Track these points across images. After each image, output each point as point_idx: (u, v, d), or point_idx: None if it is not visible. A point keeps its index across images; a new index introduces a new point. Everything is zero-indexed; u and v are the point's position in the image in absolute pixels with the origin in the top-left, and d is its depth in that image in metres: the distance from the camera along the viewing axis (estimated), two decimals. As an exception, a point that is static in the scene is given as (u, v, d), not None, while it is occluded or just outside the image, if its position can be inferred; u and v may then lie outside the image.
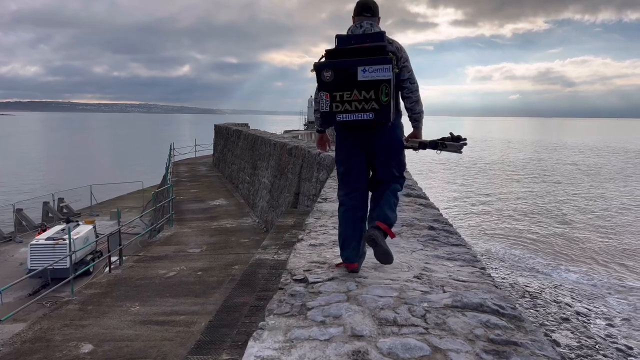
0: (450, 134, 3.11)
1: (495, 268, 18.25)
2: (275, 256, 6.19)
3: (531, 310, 14.60)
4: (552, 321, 13.80)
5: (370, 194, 2.97)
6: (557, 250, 20.09)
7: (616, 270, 17.75)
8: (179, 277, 9.00)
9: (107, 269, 10.23)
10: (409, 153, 3.08)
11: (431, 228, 4.07)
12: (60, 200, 22.84)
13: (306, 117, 56.66)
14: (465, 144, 3.09)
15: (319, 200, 5.51)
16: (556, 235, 22.14)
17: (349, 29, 2.93)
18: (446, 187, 35.69)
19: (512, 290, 16.22)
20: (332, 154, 3.23)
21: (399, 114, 2.88)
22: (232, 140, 22.35)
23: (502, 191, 33.94)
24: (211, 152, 29.83)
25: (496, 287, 2.62)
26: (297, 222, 8.06)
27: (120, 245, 10.82)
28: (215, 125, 30.43)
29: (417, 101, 2.92)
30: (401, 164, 2.93)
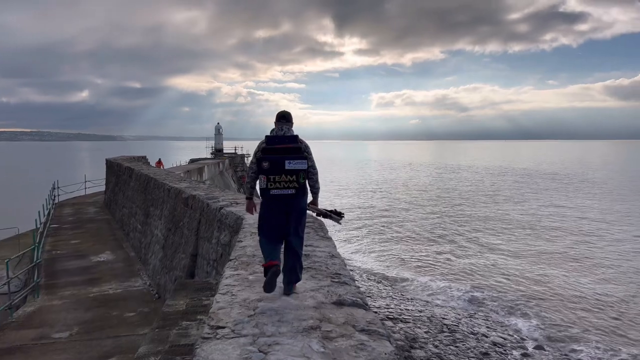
0: (334, 210, 4.39)
1: (410, 299, 17.65)
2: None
3: (451, 347, 14.06)
4: (474, 358, 13.36)
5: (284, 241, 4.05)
6: (466, 274, 19.97)
7: (520, 290, 17.87)
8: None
9: None
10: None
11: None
12: None
13: (213, 144, 53.87)
14: (343, 216, 4.40)
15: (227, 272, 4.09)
16: (456, 258, 22.16)
17: (272, 130, 4.16)
18: (349, 207, 35.34)
19: (430, 324, 15.63)
20: (236, 210, 4.53)
21: (305, 190, 4.06)
22: (123, 178, 19.74)
23: (399, 214, 34.20)
24: (104, 187, 26.49)
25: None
26: (192, 305, 6.30)
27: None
28: (106, 160, 27.32)
29: (317, 181, 4.22)
30: (304, 225, 4.12)
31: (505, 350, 13.85)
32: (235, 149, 53.72)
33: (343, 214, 4.43)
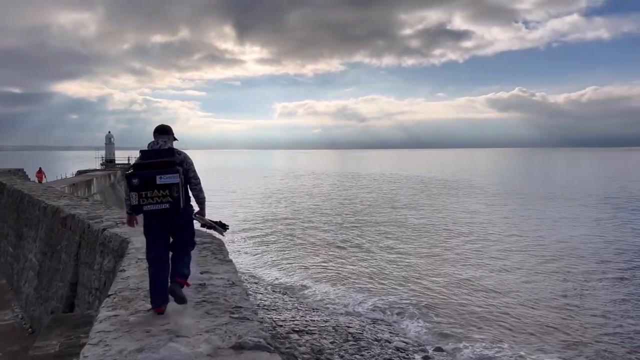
0: (219, 221, 4.54)
1: (315, 310, 17.48)
2: None
3: (357, 356, 14.09)
4: (378, 366, 13.47)
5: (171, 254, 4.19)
6: (370, 279, 20.35)
7: (420, 292, 18.56)
8: None
9: None
10: None
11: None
12: None
13: (103, 154, 50.13)
14: (228, 228, 4.60)
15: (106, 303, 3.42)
16: (361, 265, 22.63)
17: (149, 144, 4.31)
18: (249, 215, 34.76)
19: (336, 334, 15.57)
20: (122, 231, 3.79)
21: (188, 201, 4.27)
22: (-7, 195, 17.32)
23: (303, 223, 34.40)
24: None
25: None
26: (68, 346, 5.42)
27: None
28: (-27, 174, 23.99)
29: (201, 190, 4.42)
30: (192, 235, 4.36)
31: (407, 355, 14.13)
32: (129, 160, 50.48)
33: (228, 226, 4.66)
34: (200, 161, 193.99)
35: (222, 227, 4.46)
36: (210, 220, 4.42)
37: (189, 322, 3.10)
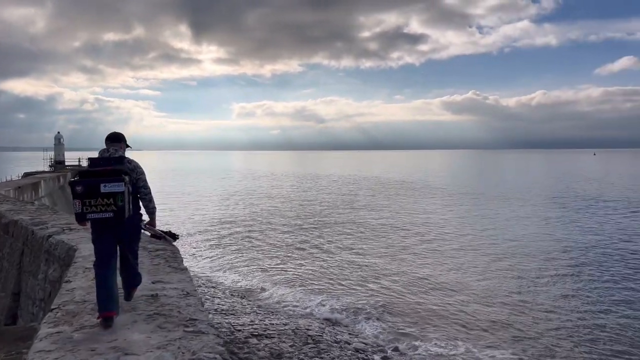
0: (169, 231, 4.67)
1: (274, 313, 17.33)
2: None
3: (316, 359, 14.04)
4: (337, 369, 13.47)
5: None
6: (330, 280, 20.36)
7: (379, 292, 18.75)
8: None
9: None
10: None
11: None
12: None
13: (52, 155, 47.95)
14: (178, 238, 4.73)
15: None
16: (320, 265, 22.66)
17: (100, 152, 4.37)
18: (206, 218, 34.16)
19: (295, 337, 15.47)
20: (70, 237, 3.77)
21: (137, 209, 4.29)
22: None
23: (262, 224, 34.13)
24: None
25: None
26: (9, 361, 5.05)
27: None
28: None
29: (151, 200, 4.54)
30: (138, 243, 4.37)
31: (367, 356, 14.19)
32: (80, 161, 48.55)
33: (178, 236, 4.68)
34: (155, 162, 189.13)
35: (171, 236, 4.73)
36: (160, 231, 4.56)
37: (138, 338, 2.88)
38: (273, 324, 16.63)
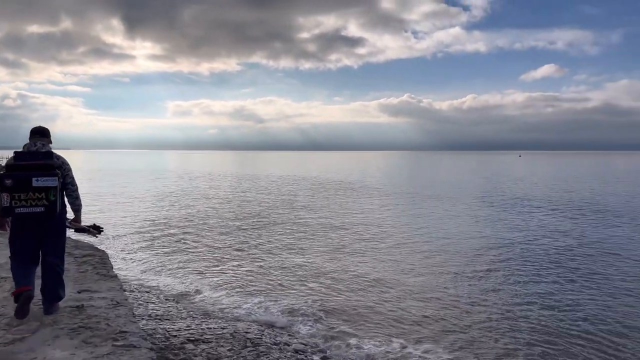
0: (93, 224, 4.79)
1: (211, 317, 16.93)
2: None
3: (255, 363, 13.89)
4: (277, 371, 13.39)
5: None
6: (268, 282, 20.22)
7: (313, 289, 18.88)
8: None
9: None
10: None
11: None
12: None
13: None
14: (102, 230, 4.93)
15: None
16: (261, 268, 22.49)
17: (25, 146, 4.22)
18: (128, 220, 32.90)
19: (234, 340, 15.19)
20: None
21: (64, 207, 4.20)
22: None
23: (198, 226, 33.37)
24: None
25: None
26: None
27: None
28: None
29: (77, 197, 4.48)
30: (64, 242, 4.26)
31: (306, 357, 14.15)
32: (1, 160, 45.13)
33: (102, 228, 4.64)
34: (83, 162, 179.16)
35: (95, 229, 4.71)
36: (85, 225, 4.45)
37: (61, 355, 2.63)
38: (210, 328, 16.21)
